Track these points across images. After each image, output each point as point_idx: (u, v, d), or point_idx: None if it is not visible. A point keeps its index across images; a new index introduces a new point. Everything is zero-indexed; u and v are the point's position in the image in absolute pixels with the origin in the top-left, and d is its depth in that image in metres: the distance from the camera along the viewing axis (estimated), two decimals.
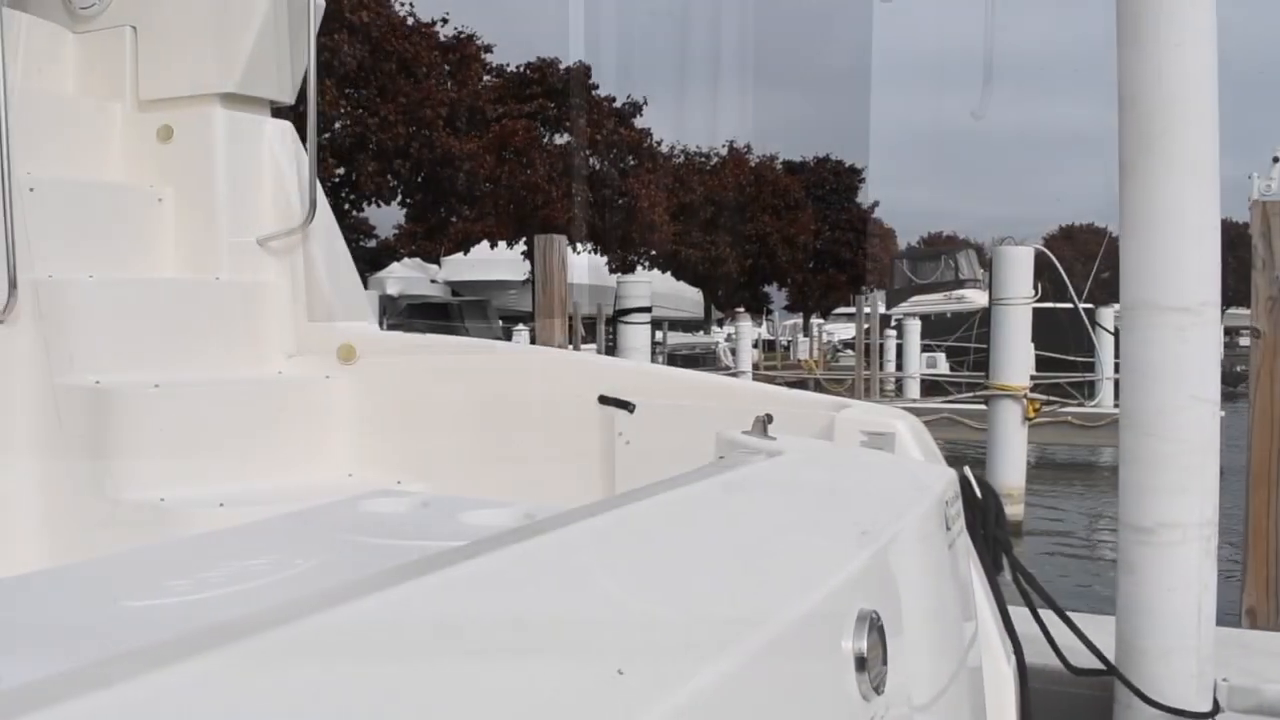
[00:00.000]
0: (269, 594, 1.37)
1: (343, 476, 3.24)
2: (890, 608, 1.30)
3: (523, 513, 1.78)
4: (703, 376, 3.29)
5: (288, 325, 3.44)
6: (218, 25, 3.41)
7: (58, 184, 3.20)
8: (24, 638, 1.26)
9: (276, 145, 3.54)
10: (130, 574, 1.51)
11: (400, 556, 1.45)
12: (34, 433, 3.03)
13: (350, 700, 0.73)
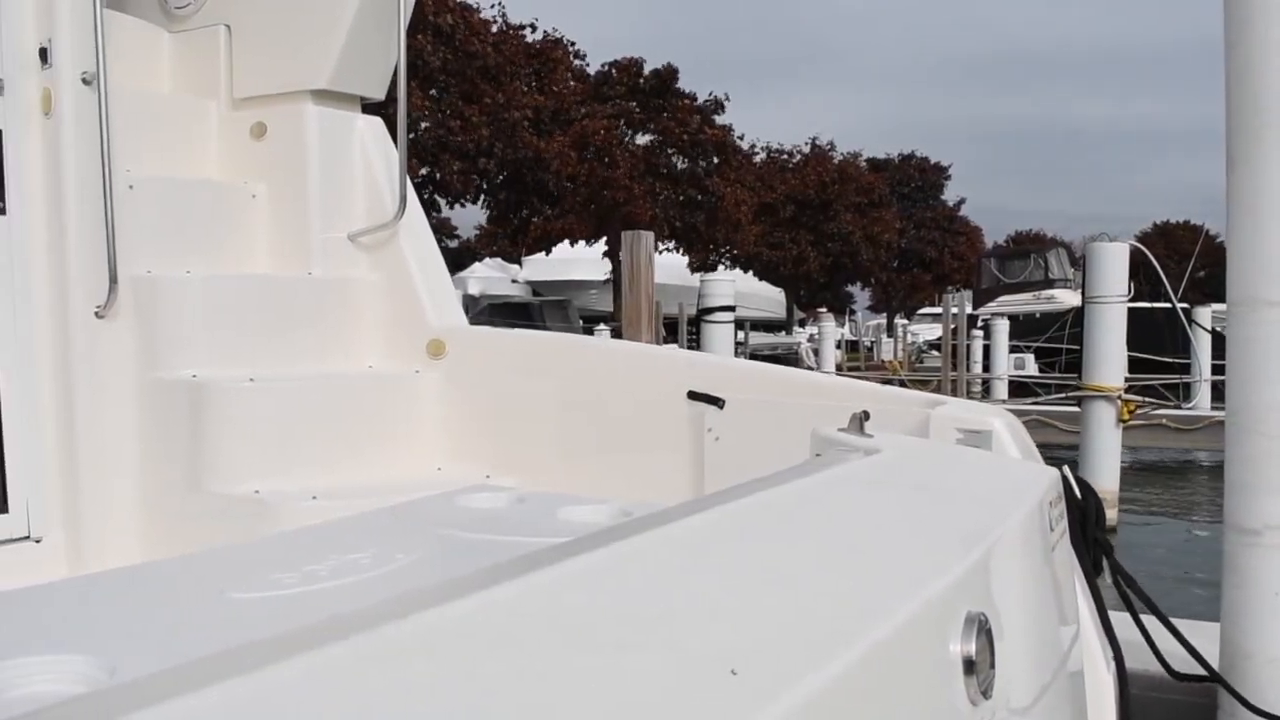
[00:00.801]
0: (372, 588, 1.38)
1: (432, 471, 3.26)
2: (994, 610, 1.27)
3: (619, 509, 1.77)
4: (793, 372, 3.24)
5: (379, 320, 3.48)
6: (309, 23, 3.46)
7: (156, 182, 3.27)
8: (135, 630, 1.28)
9: (368, 141, 3.58)
10: (236, 567, 1.53)
11: (498, 552, 1.44)
12: (132, 426, 3.09)
13: (463, 696, 0.73)
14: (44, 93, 3.08)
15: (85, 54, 3.04)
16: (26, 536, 3.06)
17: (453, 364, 3.36)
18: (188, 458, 2.99)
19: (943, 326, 25.14)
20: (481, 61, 28.69)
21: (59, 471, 3.09)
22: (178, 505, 3.02)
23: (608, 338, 20.44)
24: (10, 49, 3.08)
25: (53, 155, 3.07)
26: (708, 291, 11.41)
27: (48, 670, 1.11)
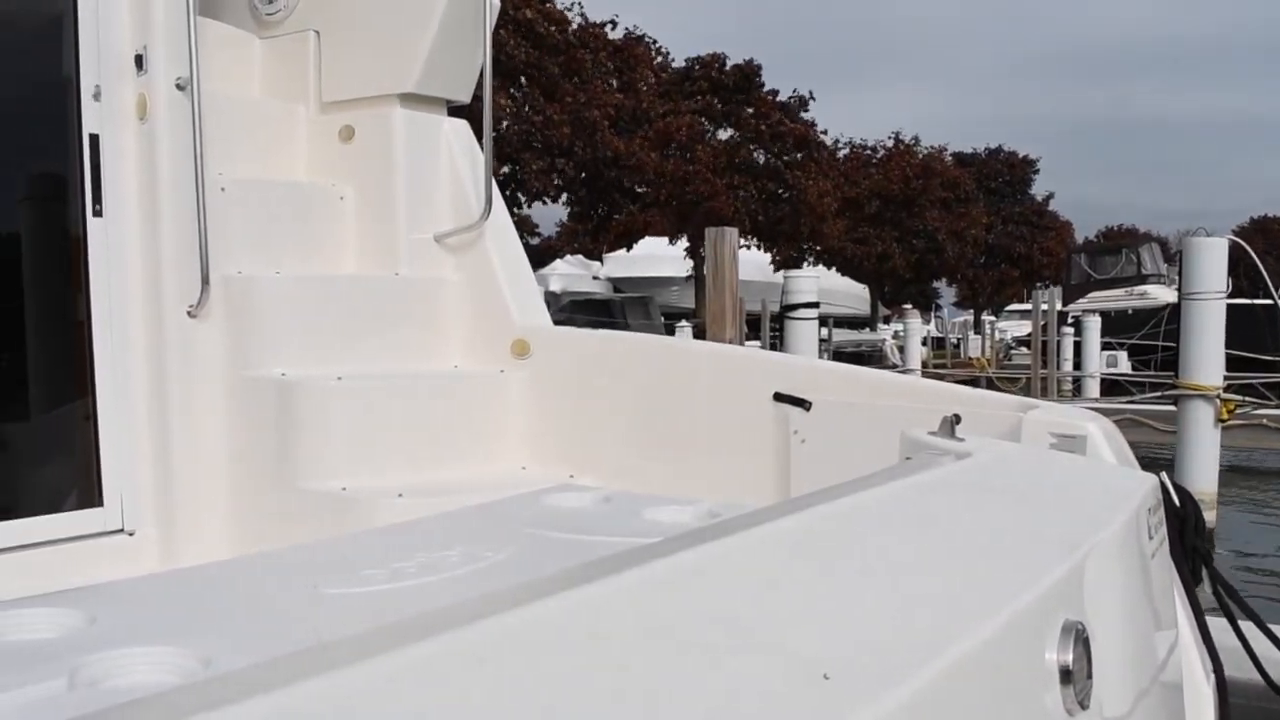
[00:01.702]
0: (460, 586, 1.39)
1: (516, 469, 3.28)
2: (1092, 619, 1.23)
3: (706, 511, 1.76)
4: (881, 374, 3.20)
5: (464, 320, 3.51)
6: (396, 27, 3.50)
7: (247, 184, 3.33)
8: (230, 622, 1.30)
9: (453, 143, 3.61)
10: (328, 563, 1.55)
11: (585, 551, 1.44)
12: (222, 423, 3.16)
13: (552, 695, 0.73)
14: (139, 98, 3.16)
15: (179, 60, 3.11)
16: (120, 530, 3.14)
17: (537, 364, 3.37)
18: (276, 455, 3.04)
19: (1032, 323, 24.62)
20: (563, 55, 28.79)
21: (152, 467, 3.16)
22: (266, 501, 3.07)
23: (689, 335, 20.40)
24: (107, 56, 3.16)
25: (148, 159, 3.15)
26: (791, 288, 11.28)
27: (146, 661, 1.14)
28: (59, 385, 3.33)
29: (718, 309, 9.91)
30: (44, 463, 3.33)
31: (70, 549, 3.01)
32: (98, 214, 3.18)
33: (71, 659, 1.14)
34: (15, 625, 1.26)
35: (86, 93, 3.16)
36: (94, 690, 1.09)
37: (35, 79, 3.29)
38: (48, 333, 3.31)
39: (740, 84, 35.28)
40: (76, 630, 1.26)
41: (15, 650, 1.19)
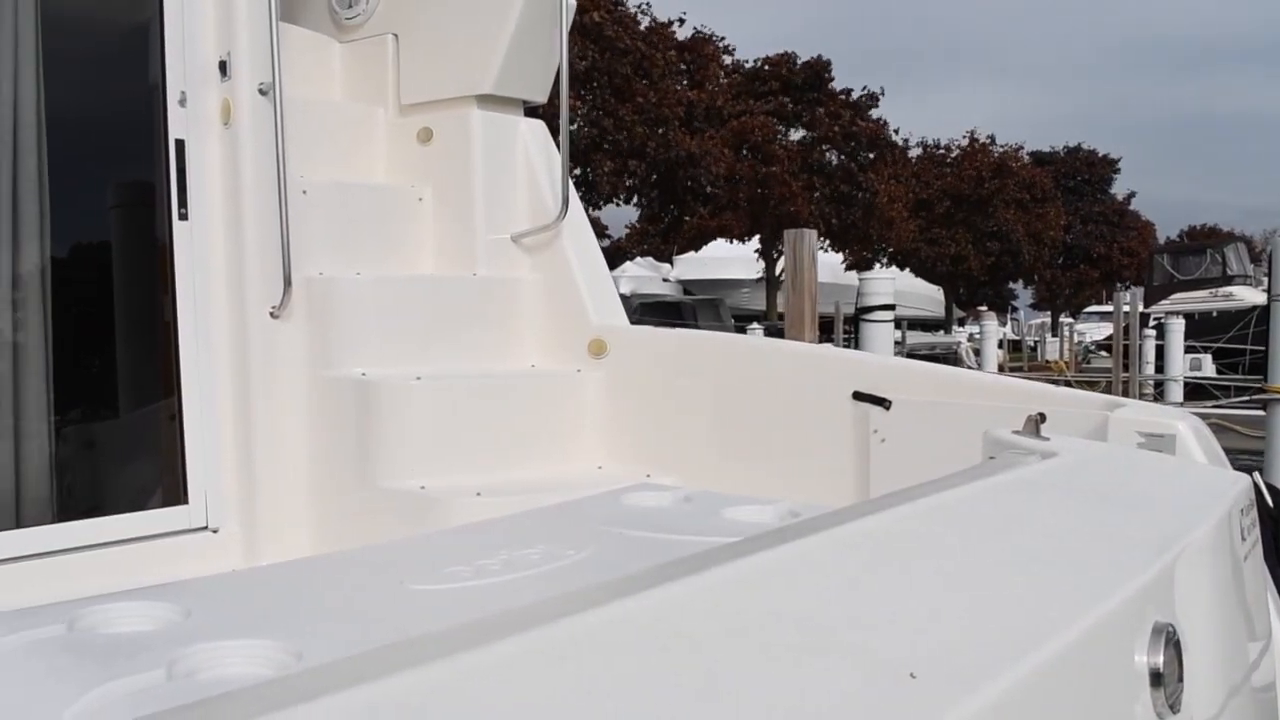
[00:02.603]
0: (543, 583, 1.40)
1: (592, 469, 3.28)
2: (1183, 622, 1.21)
3: (786, 510, 1.75)
4: (962, 373, 3.15)
5: (541, 320, 3.52)
6: (473, 29, 3.52)
7: (327, 187, 3.38)
8: (321, 617, 1.32)
9: (530, 144, 3.63)
10: (413, 559, 1.57)
11: (666, 550, 1.44)
12: (303, 422, 3.21)
13: (636, 692, 0.73)
14: (223, 103, 3.22)
15: (262, 66, 3.17)
16: (204, 527, 3.21)
17: (614, 363, 3.37)
18: (356, 453, 3.08)
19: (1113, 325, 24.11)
20: (632, 57, 28.81)
21: (235, 466, 3.22)
22: (346, 499, 3.11)
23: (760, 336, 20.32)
24: (193, 63, 3.23)
25: (231, 163, 3.21)
26: (867, 289, 11.18)
27: (240, 653, 1.17)
28: (146, 385, 3.40)
29: (796, 311, 9.85)
30: (131, 461, 3.41)
31: (156, 546, 3.07)
32: (183, 218, 3.24)
33: (169, 651, 1.17)
34: (114, 618, 1.30)
35: (172, 99, 3.23)
36: (191, 681, 1.12)
37: (123, 86, 3.37)
38: (135, 334, 3.39)
39: (811, 82, 35.06)
40: (172, 623, 1.29)
41: (115, 642, 1.23)
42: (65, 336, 3.10)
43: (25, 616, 1.30)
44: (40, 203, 3.06)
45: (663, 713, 0.71)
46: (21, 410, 3.02)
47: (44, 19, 3.05)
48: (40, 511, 3.02)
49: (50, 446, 3.07)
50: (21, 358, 3.03)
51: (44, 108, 3.06)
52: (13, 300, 3.02)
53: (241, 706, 0.66)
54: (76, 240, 3.28)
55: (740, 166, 31.66)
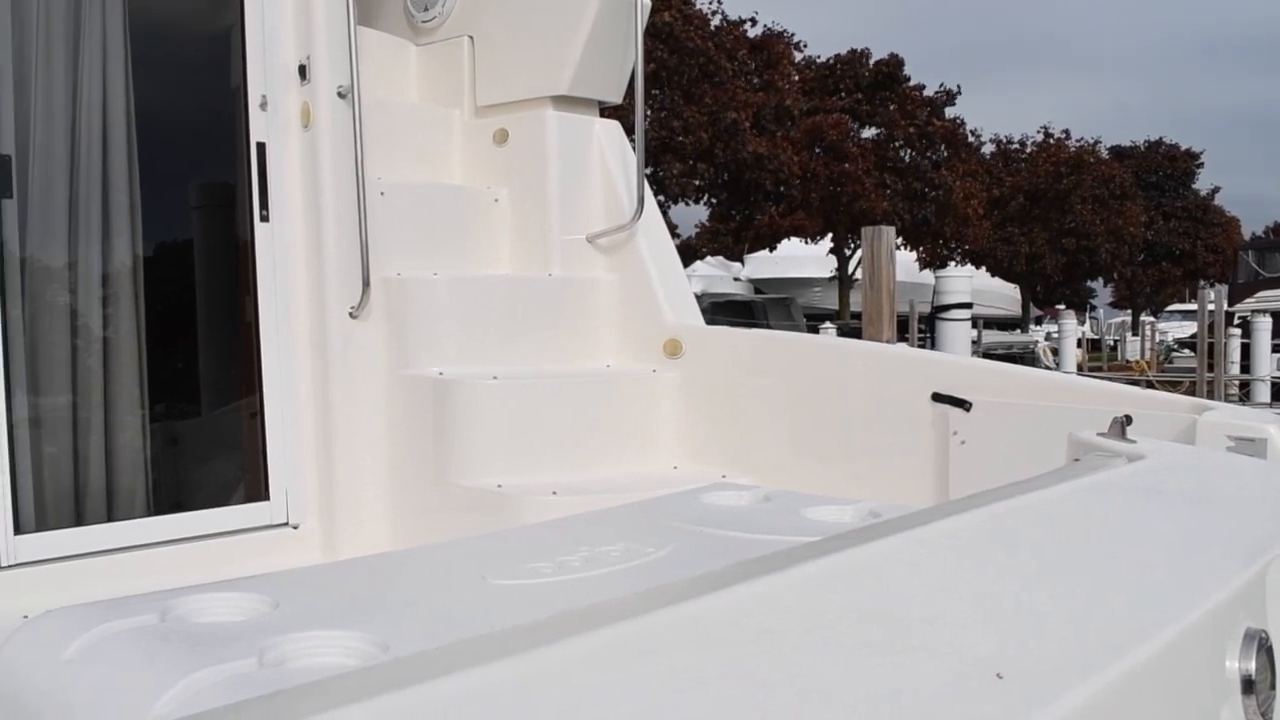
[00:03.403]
0: (623, 580, 1.40)
1: (668, 469, 3.28)
2: (1275, 628, 1.18)
3: (867, 510, 1.73)
4: (1044, 374, 3.09)
5: (616, 320, 3.53)
6: (549, 30, 3.54)
7: (405, 188, 3.41)
8: (405, 609, 1.34)
9: (605, 144, 3.63)
10: (495, 555, 1.58)
11: (747, 549, 1.43)
12: (382, 421, 3.24)
13: (721, 688, 0.73)
14: (303, 107, 3.27)
15: (340, 69, 3.21)
16: (285, 523, 3.26)
17: (689, 363, 3.37)
18: (433, 452, 3.11)
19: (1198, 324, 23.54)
20: (702, 58, 28.71)
21: (315, 463, 3.27)
22: (423, 497, 3.14)
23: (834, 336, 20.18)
24: (273, 67, 3.28)
25: (311, 165, 3.25)
26: (944, 288, 11.05)
27: (329, 644, 1.20)
28: (228, 384, 3.47)
29: (874, 309, 9.76)
30: (214, 458, 3.48)
31: (238, 540, 3.13)
32: (264, 219, 3.30)
33: (259, 640, 1.20)
34: (205, 608, 1.34)
35: (253, 102, 3.29)
36: (282, 669, 1.15)
37: (205, 90, 3.44)
38: (218, 333, 3.46)
39: (883, 80, 34.72)
40: (262, 614, 1.32)
41: (208, 631, 1.26)
42: (153, 335, 3.18)
43: (120, 606, 1.34)
44: (129, 204, 3.13)
45: (750, 707, 0.71)
46: (112, 407, 3.10)
47: (131, 26, 3.12)
48: (128, 506, 3.10)
49: (139, 443, 3.15)
50: (112, 355, 3.10)
51: (132, 112, 3.13)
52: (103, 299, 3.09)
53: (335, 694, 0.68)
54: (162, 241, 3.35)
55: (813, 165, 31.43)
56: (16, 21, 2.91)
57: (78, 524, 2.96)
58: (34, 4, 2.95)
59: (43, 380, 2.97)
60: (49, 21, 2.99)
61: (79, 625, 1.27)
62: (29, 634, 1.31)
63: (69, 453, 3.02)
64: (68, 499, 3.00)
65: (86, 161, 3.06)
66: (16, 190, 2.89)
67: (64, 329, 3.03)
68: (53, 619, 1.32)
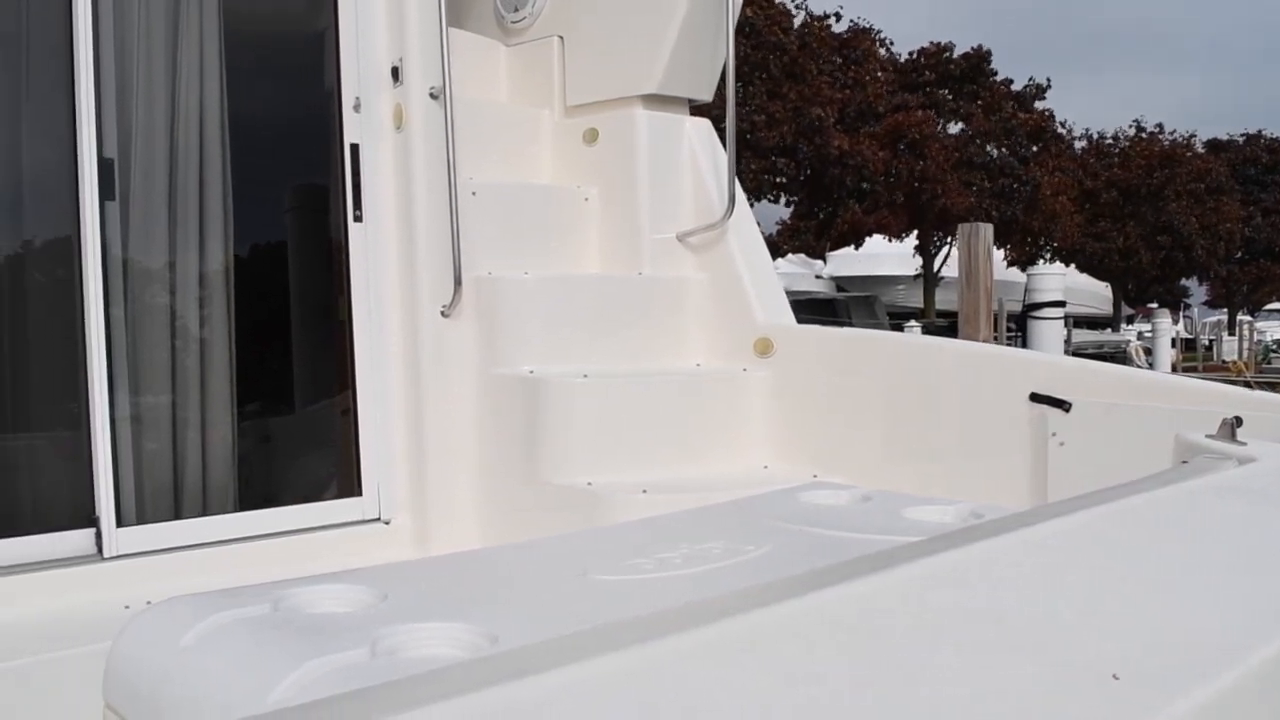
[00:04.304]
0: (725, 577, 1.40)
1: (758, 468, 3.25)
2: None
3: (968, 511, 1.70)
4: (1147, 374, 3.01)
5: (706, 319, 3.52)
6: (640, 29, 3.54)
7: (496, 188, 3.44)
8: (510, 603, 1.35)
9: (696, 142, 3.62)
10: (596, 551, 1.59)
11: (847, 548, 1.42)
12: (472, 419, 3.27)
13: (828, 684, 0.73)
14: (396, 108, 3.31)
15: (432, 71, 3.24)
16: (377, 518, 3.30)
17: (780, 362, 3.34)
18: (524, 449, 3.13)
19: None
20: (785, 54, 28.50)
21: (406, 460, 3.31)
22: (514, 494, 3.16)
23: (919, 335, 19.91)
24: (366, 70, 3.33)
25: (403, 166, 3.29)
26: (1036, 285, 10.81)
27: (439, 636, 1.21)
28: (321, 381, 3.53)
29: (971, 307, 9.59)
30: (308, 454, 3.54)
31: (330, 535, 3.18)
32: (358, 219, 3.34)
33: (370, 631, 1.22)
34: (317, 599, 1.36)
35: (347, 105, 3.34)
36: (394, 659, 1.16)
37: (300, 93, 3.50)
38: (311, 332, 3.52)
39: (969, 73, 34.15)
40: (370, 606, 1.34)
41: (320, 622, 1.29)
42: (248, 334, 3.24)
43: (233, 596, 1.37)
44: (225, 206, 3.20)
45: (859, 705, 0.71)
46: (209, 404, 3.17)
47: (227, 32, 3.19)
48: (224, 501, 3.17)
49: (234, 439, 3.22)
50: (208, 354, 3.17)
51: (228, 115, 3.20)
52: (200, 299, 3.16)
53: (451, 683, 0.69)
54: (257, 242, 3.42)
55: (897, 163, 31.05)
56: (119, 31, 2.99)
57: (175, 518, 3.03)
58: (135, 14, 3.03)
59: (143, 378, 3.05)
60: (149, 30, 3.06)
61: (194, 614, 1.30)
62: (146, 622, 1.35)
63: (168, 449, 3.09)
64: (166, 494, 3.07)
65: (184, 165, 3.14)
66: (118, 193, 2.97)
67: (163, 328, 3.11)
68: (168, 608, 1.36)
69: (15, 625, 2.52)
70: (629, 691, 0.69)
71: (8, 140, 2.90)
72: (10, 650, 2.38)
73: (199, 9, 3.16)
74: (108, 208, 2.93)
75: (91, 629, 2.49)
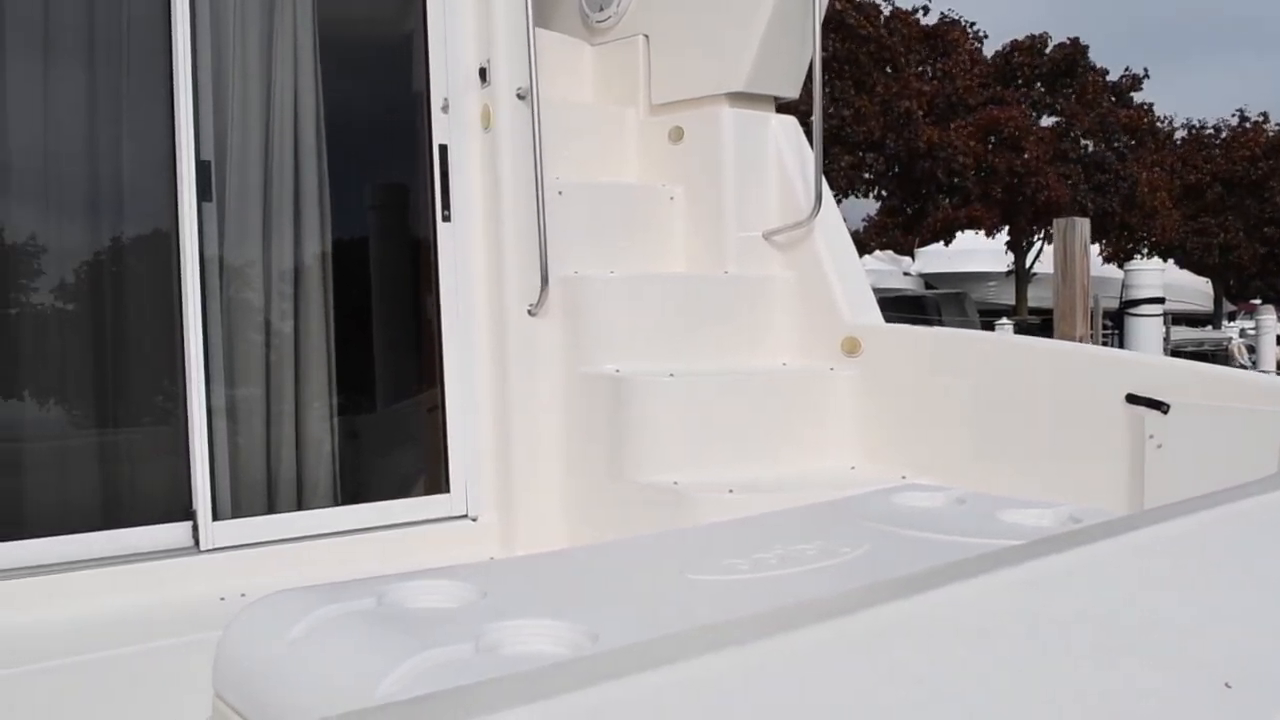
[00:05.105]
0: (821, 579, 1.39)
1: (845, 468, 3.22)
2: None
3: (1067, 515, 1.66)
4: (1250, 375, 2.91)
5: (793, 317, 3.49)
6: (725, 27, 3.52)
7: (582, 187, 3.45)
8: (609, 601, 1.35)
9: (781, 140, 3.60)
10: (691, 550, 1.58)
11: (944, 551, 1.40)
12: (559, 417, 3.29)
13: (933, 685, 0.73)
14: (483, 109, 3.34)
15: (519, 71, 3.26)
16: (464, 515, 3.34)
17: (868, 362, 3.30)
18: (610, 448, 3.13)
19: None
20: (873, 46, 28.14)
21: (494, 457, 3.34)
22: (599, 492, 3.17)
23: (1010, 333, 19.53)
24: (455, 71, 3.36)
25: (491, 166, 3.32)
26: (1134, 281, 10.52)
27: (540, 633, 1.22)
28: (409, 379, 3.58)
29: (1067, 304, 9.36)
30: (397, 451, 3.59)
31: (418, 531, 3.22)
32: (446, 219, 3.38)
33: (472, 627, 1.23)
34: (419, 594, 1.38)
35: (435, 105, 3.38)
36: (497, 655, 1.17)
37: (389, 94, 3.55)
38: (400, 331, 3.57)
39: (1064, 67, 33.39)
40: (471, 602, 1.35)
41: (423, 616, 1.30)
42: (339, 331, 3.30)
43: (337, 590, 1.40)
44: (318, 206, 3.26)
45: (968, 705, 0.71)
46: (301, 400, 3.23)
47: (320, 35, 3.25)
48: (315, 496, 3.23)
49: (326, 435, 3.28)
50: (301, 351, 3.24)
51: (321, 117, 3.26)
52: (294, 296, 3.23)
53: (556, 681, 0.70)
54: (349, 241, 3.48)
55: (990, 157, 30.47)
56: (215, 35, 3.06)
57: (268, 512, 3.10)
58: (230, 19, 3.10)
59: (238, 374, 3.12)
60: (244, 34, 3.13)
61: (302, 607, 1.33)
62: (254, 615, 1.38)
63: (262, 444, 3.16)
64: (260, 488, 3.14)
65: (278, 165, 3.20)
66: (215, 194, 3.04)
67: (257, 325, 3.18)
68: (275, 601, 1.38)
69: (115, 615, 2.60)
70: (738, 690, 0.69)
71: (109, 143, 2.99)
72: (110, 640, 2.45)
73: (292, 13, 3.22)
74: (205, 208, 3.01)
75: (188, 620, 2.56)
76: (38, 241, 2.90)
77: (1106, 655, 0.82)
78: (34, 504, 2.88)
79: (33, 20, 2.88)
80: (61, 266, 2.94)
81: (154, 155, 2.99)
